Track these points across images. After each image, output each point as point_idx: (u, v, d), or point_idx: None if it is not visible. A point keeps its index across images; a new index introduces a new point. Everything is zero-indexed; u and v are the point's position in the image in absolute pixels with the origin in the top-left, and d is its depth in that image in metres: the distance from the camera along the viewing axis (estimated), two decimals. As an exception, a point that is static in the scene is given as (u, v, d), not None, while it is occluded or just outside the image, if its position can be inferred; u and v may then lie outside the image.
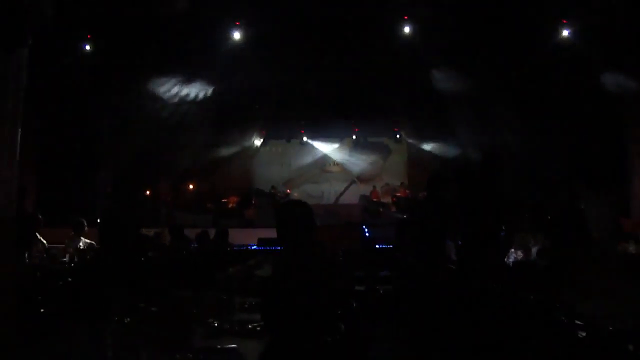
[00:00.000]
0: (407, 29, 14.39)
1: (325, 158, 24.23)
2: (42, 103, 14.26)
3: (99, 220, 10.66)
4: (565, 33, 14.10)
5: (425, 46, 14.92)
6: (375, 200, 21.26)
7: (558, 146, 16.12)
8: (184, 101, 17.04)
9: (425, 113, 18.32)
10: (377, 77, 17.21)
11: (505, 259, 6.06)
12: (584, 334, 3.06)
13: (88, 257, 7.49)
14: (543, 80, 15.41)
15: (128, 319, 2.86)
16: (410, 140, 22.38)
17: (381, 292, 7.30)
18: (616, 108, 14.64)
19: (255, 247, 13.17)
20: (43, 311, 3.86)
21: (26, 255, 6.97)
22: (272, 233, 14.02)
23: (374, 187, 22.11)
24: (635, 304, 3.29)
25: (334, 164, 24.25)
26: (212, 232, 9.72)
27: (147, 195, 20.11)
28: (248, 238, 13.82)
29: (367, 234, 16.90)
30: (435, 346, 5.35)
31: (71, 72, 14.43)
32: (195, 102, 17.45)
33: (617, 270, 3.79)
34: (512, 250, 6.37)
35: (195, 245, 9.39)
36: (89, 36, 14.42)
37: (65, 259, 7.77)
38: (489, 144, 15.05)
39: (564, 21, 13.98)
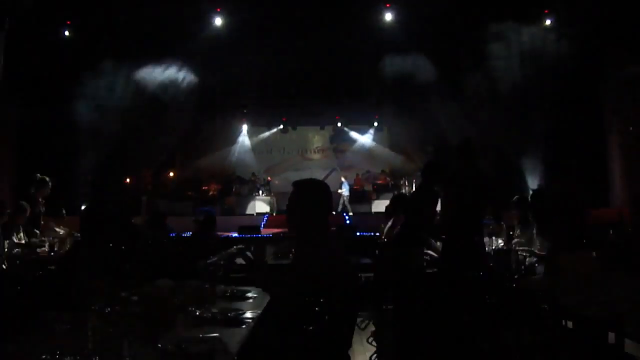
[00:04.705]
0: (388, 16, 14.40)
1: (306, 145, 24.24)
2: (21, 89, 14.09)
3: (82, 209, 10.48)
4: (547, 22, 14.19)
5: (406, 33, 14.94)
6: (357, 187, 21.32)
7: (537, 135, 16.26)
8: (165, 88, 16.91)
9: (405, 101, 18.36)
10: (358, 65, 17.21)
11: (487, 247, 6.11)
12: (565, 322, 3.09)
13: (68, 246, 7.43)
14: (523, 69, 15.51)
15: (109, 309, 2.84)
16: (390, 128, 22.42)
17: (363, 279, 7.31)
18: (596, 98, 14.77)
19: (236, 234, 13.16)
20: (22, 302, 3.82)
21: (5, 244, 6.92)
22: (252, 221, 14.04)
23: (357, 174, 22.15)
24: (615, 292, 3.32)
25: (315, 152, 24.27)
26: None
27: (127, 183, 19.98)
28: (229, 226, 13.79)
29: (347, 222, 16.95)
30: (417, 333, 5.38)
31: (50, 57, 14.27)
32: (176, 89, 17.33)
33: (598, 259, 3.82)
34: (494, 237, 6.42)
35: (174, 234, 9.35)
36: (68, 22, 14.25)
37: (45, 248, 7.70)
38: (468, 132, 15.12)
39: (545, 11, 14.09)
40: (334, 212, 18.52)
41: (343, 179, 20.62)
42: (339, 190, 19.71)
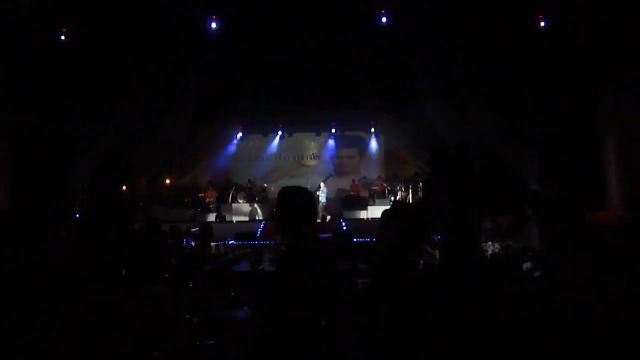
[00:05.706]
0: (384, 22, 14.40)
1: (302, 152, 24.24)
2: (17, 96, 14.06)
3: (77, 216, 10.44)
4: (541, 24, 14.21)
5: (402, 39, 14.95)
6: (353, 193, 21.29)
7: (533, 138, 16.27)
8: (161, 95, 16.88)
9: (401, 106, 18.37)
10: (354, 71, 17.22)
11: (485, 252, 6.10)
12: (561, 325, 3.09)
13: (64, 253, 7.40)
14: (518, 72, 15.53)
15: (106, 316, 2.83)
16: (386, 134, 22.41)
17: (360, 285, 7.29)
18: (592, 100, 14.79)
19: (232, 241, 13.15)
20: (18, 308, 3.80)
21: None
22: (249, 227, 14.00)
23: (353, 180, 22.13)
24: (612, 295, 3.32)
25: (311, 158, 24.26)
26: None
27: (124, 190, 19.96)
28: (225, 232, 13.78)
29: (344, 228, 16.93)
30: (413, 337, 5.37)
31: (47, 64, 14.25)
32: (172, 96, 17.31)
33: (596, 262, 3.82)
34: (490, 242, 6.42)
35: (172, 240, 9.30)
36: (64, 29, 14.23)
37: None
38: (464, 137, 15.11)
39: (540, 16, 14.11)
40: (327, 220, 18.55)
41: (322, 184, 20.54)
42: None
